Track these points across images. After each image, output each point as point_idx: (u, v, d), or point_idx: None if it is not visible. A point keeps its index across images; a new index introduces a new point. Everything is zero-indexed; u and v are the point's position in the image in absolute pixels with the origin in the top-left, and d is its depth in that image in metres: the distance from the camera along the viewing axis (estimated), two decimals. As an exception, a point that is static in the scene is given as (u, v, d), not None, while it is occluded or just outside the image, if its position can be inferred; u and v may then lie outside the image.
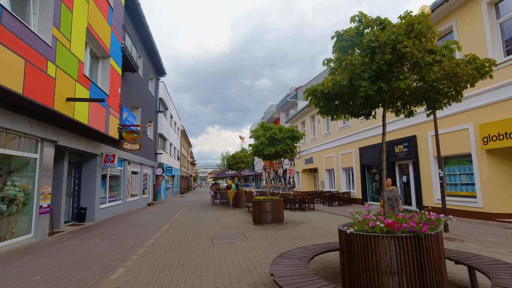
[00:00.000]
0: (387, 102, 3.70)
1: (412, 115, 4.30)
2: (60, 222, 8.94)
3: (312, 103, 4.22)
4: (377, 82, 3.23)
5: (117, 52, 11.27)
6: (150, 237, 8.16)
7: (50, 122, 7.56)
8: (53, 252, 6.40)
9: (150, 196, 20.78)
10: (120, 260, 5.81)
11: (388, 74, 3.31)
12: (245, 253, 6.16)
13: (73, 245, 7.14)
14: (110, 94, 10.53)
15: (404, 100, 3.98)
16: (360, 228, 3.26)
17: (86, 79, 8.43)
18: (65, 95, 7.19)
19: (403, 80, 3.09)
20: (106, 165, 11.34)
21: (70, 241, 7.59)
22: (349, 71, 3.29)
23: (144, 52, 18.30)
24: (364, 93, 3.25)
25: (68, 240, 7.70)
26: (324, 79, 3.79)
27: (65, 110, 7.19)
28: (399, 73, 3.15)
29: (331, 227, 9.23)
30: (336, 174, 19.49)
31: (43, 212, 7.48)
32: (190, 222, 11.08)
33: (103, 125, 9.79)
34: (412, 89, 3.71)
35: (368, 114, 4.31)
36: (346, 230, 3.27)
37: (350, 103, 3.85)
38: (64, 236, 8.11)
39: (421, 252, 2.94)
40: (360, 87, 3.24)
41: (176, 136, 36.15)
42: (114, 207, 13.10)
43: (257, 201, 10.05)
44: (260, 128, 10.66)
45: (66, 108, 7.22)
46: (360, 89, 3.23)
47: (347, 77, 3.32)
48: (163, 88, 25.88)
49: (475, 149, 9.42)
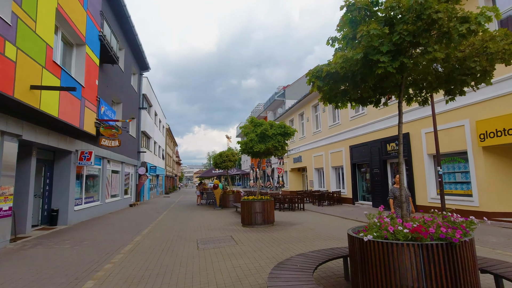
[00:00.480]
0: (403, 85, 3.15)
1: (426, 103, 3.78)
2: (26, 226, 8.00)
3: (315, 88, 3.63)
4: (399, 58, 2.67)
5: (94, 40, 10.35)
6: (129, 242, 7.38)
7: (12, 113, 6.64)
8: (11, 262, 5.54)
9: (132, 196, 19.74)
10: (91, 271, 5.04)
11: (411, 48, 2.76)
12: (234, 259, 5.52)
13: (38, 253, 6.27)
14: (86, 85, 9.62)
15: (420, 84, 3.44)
16: (379, 234, 2.69)
17: (56, 66, 7.54)
18: (29, 83, 6.31)
19: (433, 52, 2.54)
20: (82, 163, 10.40)
21: (35, 248, 6.70)
22: (364, 43, 2.71)
23: (125, 44, 17.29)
24: (382, 70, 2.68)
25: (33, 247, 6.81)
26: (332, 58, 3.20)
27: (29, 99, 6.31)
28: (426, 45, 2.61)
29: (324, 228, 8.72)
30: (326, 173, 19.12)
31: (3, 216, 6.56)
32: (174, 224, 10.32)
33: (77, 119, 8.88)
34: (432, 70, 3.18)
35: (378, 101, 3.77)
36: (362, 236, 2.69)
37: (362, 86, 3.27)
38: (29, 243, 7.20)
39: (454, 263, 2.41)
40: (378, 63, 2.68)
41: (161, 135, 34.96)
42: (91, 208, 12.13)
43: (246, 201, 9.43)
44: (250, 123, 10.02)
45: (30, 97, 6.34)
46: (379, 65, 2.67)
47: (362, 52, 2.74)
48: (146, 84, 24.80)
49: (471, 146, 9.15)
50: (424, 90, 3.54)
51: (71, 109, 8.46)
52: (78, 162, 10.32)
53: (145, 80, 24.02)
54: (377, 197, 13.70)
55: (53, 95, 7.38)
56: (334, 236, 7.48)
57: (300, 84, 34.37)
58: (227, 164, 17.32)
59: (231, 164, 17.55)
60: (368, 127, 14.57)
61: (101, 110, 11.05)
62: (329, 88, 3.45)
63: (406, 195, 5.82)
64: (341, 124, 17.21)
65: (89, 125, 9.95)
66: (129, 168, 19.09)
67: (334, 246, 6.33)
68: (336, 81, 3.24)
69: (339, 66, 3.00)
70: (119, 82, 15.73)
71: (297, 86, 34.33)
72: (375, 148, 13.91)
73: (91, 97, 10.07)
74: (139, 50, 19.21)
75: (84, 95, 9.48)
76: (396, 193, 6.15)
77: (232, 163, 17.39)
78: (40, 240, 7.54)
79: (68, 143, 9.71)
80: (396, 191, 6.15)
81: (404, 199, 3.29)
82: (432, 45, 2.56)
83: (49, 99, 7.18)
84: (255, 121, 10.00)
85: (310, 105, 21.58)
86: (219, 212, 14.07)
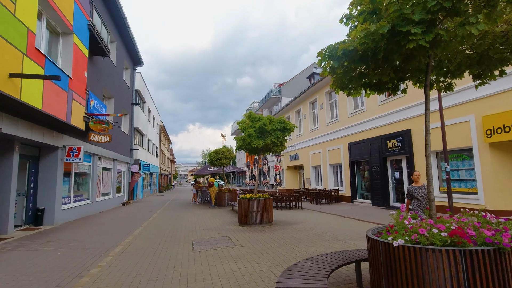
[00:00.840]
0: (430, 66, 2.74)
1: (450, 89, 3.39)
2: (8, 227, 7.45)
3: (326, 72, 3.20)
4: (433, 30, 2.26)
5: (82, 30, 9.77)
6: (119, 243, 6.90)
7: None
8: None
9: (125, 195, 19.15)
10: (75, 276, 4.56)
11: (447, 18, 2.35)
12: (233, 262, 5.09)
13: (18, 255, 5.75)
14: (74, 76, 9.05)
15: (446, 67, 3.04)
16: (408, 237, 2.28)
17: (39, 54, 6.98)
18: (8, 70, 5.77)
19: (475, 24, 2.14)
20: (70, 159, 9.83)
21: (16, 250, 6.17)
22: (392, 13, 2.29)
23: (118, 37, 16.65)
24: (413, 44, 2.27)
25: (13, 249, 6.27)
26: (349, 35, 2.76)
27: (8, 88, 5.76)
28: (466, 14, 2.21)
29: (325, 228, 8.34)
30: (323, 171, 18.77)
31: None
32: (167, 223, 9.84)
33: (63, 112, 8.33)
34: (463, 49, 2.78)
35: (396, 88, 3.35)
36: (392, 241, 2.27)
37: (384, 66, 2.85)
38: (9, 244, 6.66)
39: (504, 273, 2.01)
40: (409, 35, 2.26)
41: (155, 132, 34.28)
42: (81, 207, 11.56)
43: (244, 200, 8.99)
44: (247, 118, 9.58)
45: (9, 86, 5.79)
46: (410, 37, 2.25)
47: (389, 24, 2.32)
48: (140, 79, 24.14)
49: (477, 143, 8.84)
50: (449, 74, 3.14)
51: (57, 102, 7.90)
52: (65, 159, 9.76)
53: (138, 76, 23.37)
54: (377, 195, 13.38)
55: (36, 85, 6.83)
56: (337, 236, 7.10)
57: (296, 82, 34.01)
58: (223, 162, 16.85)
59: (227, 162, 17.08)
60: (367, 123, 14.23)
61: (90, 104, 10.48)
62: (344, 71, 3.02)
63: (426, 195, 5.25)
64: (340, 121, 16.85)
65: (78, 119, 9.39)
66: (122, 166, 18.49)
67: (339, 247, 5.94)
68: (354, 61, 2.81)
69: (359, 42, 2.58)
70: (111, 76, 15.12)
71: (293, 84, 33.97)
72: (375, 145, 13.58)
73: (79, 90, 9.51)
74: (132, 43, 18.58)
75: (72, 87, 8.92)
76: (415, 192, 5.36)
77: (228, 160, 16.93)
78: (22, 241, 7.01)
79: (55, 138, 9.14)
80: (416, 191, 5.37)
81: (433, 197, 2.88)
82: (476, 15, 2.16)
83: (32, 90, 6.63)
84: (253, 116, 9.56)
85: (308, 101, 21.20)
86: (214, 211, 13.62)
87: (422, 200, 5.24)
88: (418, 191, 5.33)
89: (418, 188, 5.38)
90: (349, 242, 6.37)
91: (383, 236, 2.48)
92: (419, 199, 5.27)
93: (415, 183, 5.49)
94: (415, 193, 5.35)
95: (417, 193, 5.32)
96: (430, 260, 2.08)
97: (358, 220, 9.79)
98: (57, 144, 9.31)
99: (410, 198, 5.45)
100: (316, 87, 19.32)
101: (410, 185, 5.50)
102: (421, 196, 5.28)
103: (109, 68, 14.73)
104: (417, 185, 5.43)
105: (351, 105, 15.89)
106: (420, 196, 5.28)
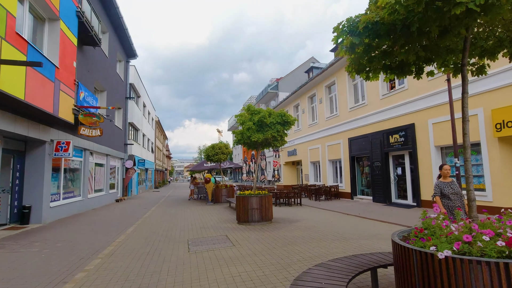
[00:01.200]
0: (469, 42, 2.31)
1: (483, 73, 2.97)
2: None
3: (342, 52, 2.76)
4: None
5: (70, 16, 9.18)
6: (110, 243, 6.45)
7: (-35, 93, 5.57)
8: (-41, 273, 4.55)
9: (119, 191, 18.64)
10: (58, 283, 4.12)
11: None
12: (232, 266, 4.67)
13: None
14: (61, 66, 8.49)
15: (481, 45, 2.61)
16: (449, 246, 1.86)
17: (20, 39, 6.43)
18: (-16, 55, 5.24)
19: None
20: (59, 154, 9.31)
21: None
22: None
23: (110, 27, 15.99)
24: (462, 8, 1.84)
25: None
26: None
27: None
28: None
29: (327, 226, 7.96)
30: (322, 166, 18.41)
31: (-45, 215, 5.51)
32: (162, 221, 9.40)
33: (50, 104, 7.79)
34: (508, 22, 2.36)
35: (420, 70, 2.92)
36: (435, 252, 1.85)
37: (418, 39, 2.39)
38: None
39: None
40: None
41: (150, 127, 33.64)
42: (71, 204, 11.06)
43: (242, 197, 8.57)
44: (246, 111, 9.11)
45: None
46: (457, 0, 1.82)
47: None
48: (134, 73, 23.48)
49: (485, 137, 8.49)
50: (484, 54, 2.72)
51: (42, 92, 7.36)
52: (54, 154, 9.23)
53: (132, 69, 22.70)
54: (378, 191, 13.05)
55: (18, 73, 6.29)
56: (341, 235, 6.72)
57: (293, 77, 33.52)
58: (220, 157, 16.39)
59: (224, 157, 16.63)
60: (368, 118, 13.84)
61: (80, 96, 9.92)
62: (364, 50, 2.58)
63: (457, 192, 4.57)
64: (339, 115, 16.44)
65: (66, 111, 8.85)
66: (115, 161, 17.94)
67: (345, 247, 5.55)
68: (378, 36, 2.37)
69: (388, 11, 2.14)
70: (103, 68, 14.51)
71: (290, 79, 33.48)
72: (376, 140, 13.21)
73: (67, 80, 8.95)
74: (125, 35, 17.90)
75: (59, 77, 8.37)
76: (445, 189, 4.57)
77: (225, 155, 16.47)
78: (4, 242, 6.52)
79: (41, 131, 8.60)
80: (445, 187, 4.59)
81: (474, 196, 2.46)
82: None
83: (12, 78, 6.09)
84: (252, 109, 9.09)
85: (306, 96, 20.75)
86: (211, 208, 13.20)
87: (453, 199, 4.51)
88: (448, 188, 4.56)
89: (447, 184, 4.61)
90: (355, 242, 5.99)
91: (416, 243, 2.06)
92: (449, 197, 4.53)
93: (444, 178, 4.70)
94: (444, 190, 4.58)
95: (447, 190, 4.55)
96: (484, 277, 1.67)
97: (360, 217, 9.44)
98: (44, 138, 8.78)
99: (441, 195, 4.64)
100: (315, 81, 18.87)
101: (438, 181, 4.74)
102: (451, 194, 4.53)
103: (101, 60, 14.12)
104: (446, 181, 4.66)
105: (351, 99, 15.48)
106: (451, 194, 4.52)
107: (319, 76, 18.11)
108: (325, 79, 17.99)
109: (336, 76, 16.69)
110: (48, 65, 7.70)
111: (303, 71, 30.70)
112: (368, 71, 2.93)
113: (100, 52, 13.88)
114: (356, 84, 15.26)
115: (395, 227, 7.64)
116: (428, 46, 2.54)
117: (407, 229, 2.73)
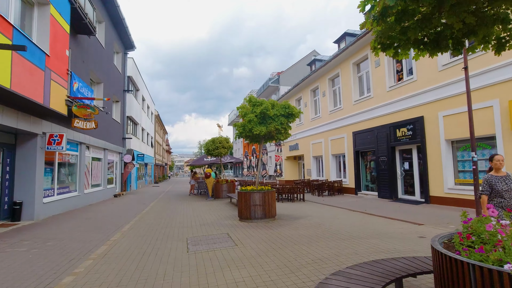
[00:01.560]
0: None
1: None
2: (-23, 224, 6.55)
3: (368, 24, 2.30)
4: None
5: (61, 1, 8.65)
6: (104, 242, 6.06)
7: None
8: None
9: (117, 186, 18.25)
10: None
11: None
12: (235, 268, 4.27)
13: (-20, 260, 4.88)
14: (52, 54, 8.00)
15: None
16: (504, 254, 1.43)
17: (5, 22, 5.94)
18: (-39, 37, 4.77)
19: None
20: (51, 147, 8.87)
21: (-20, 252, 5.30)
22: None
23: (106, 17, 15.42)
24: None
25: (-23, 251, 5.40)
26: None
27: (-38, 60, 4.77)
28: None
29: (333, 223, 7.56)
30: (325, 161, 17.98)
31: None
32: (161, 218, 9.00)
33: (40, 94, 7.33)
34: None
35: (459, 44, 2.46)
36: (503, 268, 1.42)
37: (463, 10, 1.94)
38: (-26, 245, 5.78)
39: None
40: None
41: (150, 121, 33.16)
42: (66, 200, 10.66)
43: (244, 192, 8.15)
44: (248, 103, 8.65)
45: (-37, 58, 4.80)
46: None
47: None
48: (132, 65, 22.91)
49: (501, 130, 8.04)
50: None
51: (31, 81, 6.89)
52: (46, 147, 8.79)
53: (130, 61, 22.13)
54: (384, 187, 12.64)
55: (2, 59, 5.82)
56: (350, 233, 6.31)
57: (295, 70, 32.94)
58: (220, 151, 15.95)
59: (225, 151, 16.19)
60: (374, 111, 13.37)
61: (74, 86, 9.45)
62: (397, 18, 2.12)
63: None
64: (343, 108, 15.96)
65: (58, 102, 8.39)
66: (113, 156, 17.52)
67: (356, 248, 5.12)
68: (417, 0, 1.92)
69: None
70: (99, 59, 13.99)
71: (291, 72, 32.91)
72: (382, 134, 12.76)
73: (59, 70, 8.47)
74: (123, 25, 17.32)
75: (50, 66, 7.89)
76: (497, 185, 3.76)
77: (225, 150, 16.03)
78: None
79: (32, 123, 8.15)
80: (498, 182, 3.77)
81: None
82: None
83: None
84: (254, 100, 8.63)
85: (309, 89, 20.24)
86: (211, 203, 12.81)
87: (506, 197, 3.71)
88: (501, 183, 3.74)
89: (501, 178, 3.77)
90: (366, 242, 5.58)
91: (472, 256, 1.62)
92: (502, 195, 3.72)
93: (496, 172, 3.86)
94: (496, 186, 3.76)
95: (500, 185, 3.74)
96: None
97: (367, 214, 9.04)
98: (36, 131, 8.33)
99: (490, 191, 3.83)
100: (318, 74, 18.34)
101: (489, 174, 3.91)
102: (505, 191, 3.71)
103: (97, 50, 13.60)
104: (498, 175, 3.82)
105: (356, 91, 14.98)
106: (504, 191, 3.71)
107: (322, 69, 17.58)
108: (328, 72, 17.46)
109: (340, 68, 16.16)
110: (37, 52, 7.22)
111: (305, 64, 30.12)
112: (396, 47, 2.48)
113: (96, 42, 13.35)
114: (361, 76, 14.75)
115: (406, 224, 7.24)
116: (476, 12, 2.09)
117: (449, 234, 2.30)
